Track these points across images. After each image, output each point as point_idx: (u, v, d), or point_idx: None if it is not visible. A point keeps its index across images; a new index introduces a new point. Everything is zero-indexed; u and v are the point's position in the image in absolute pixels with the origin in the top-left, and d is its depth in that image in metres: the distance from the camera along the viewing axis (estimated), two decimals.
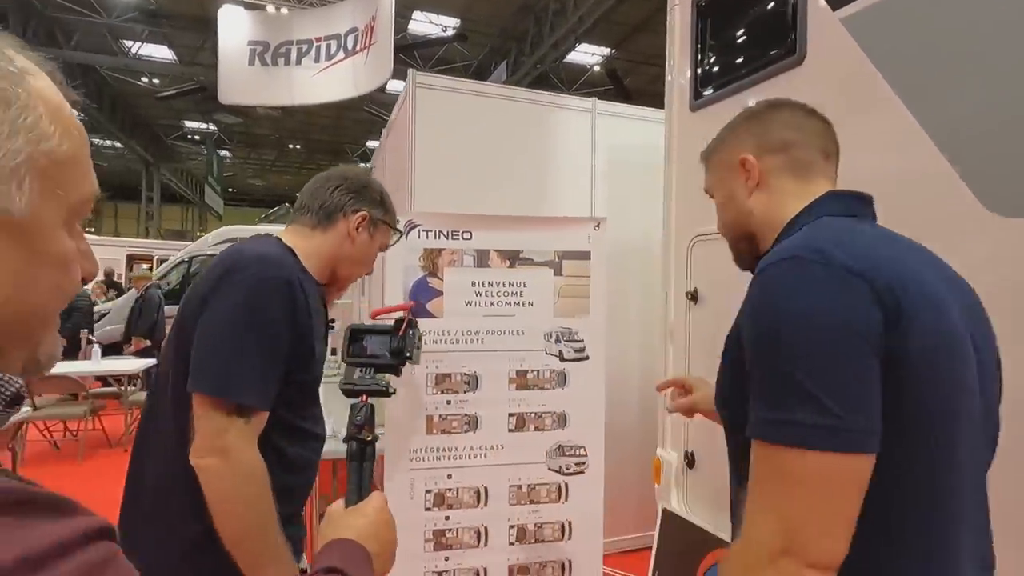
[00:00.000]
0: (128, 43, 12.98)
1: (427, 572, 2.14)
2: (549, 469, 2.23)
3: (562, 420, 2.24)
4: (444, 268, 2.16)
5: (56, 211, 0.42)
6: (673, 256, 2.46)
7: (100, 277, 7.88)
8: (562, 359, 2.24)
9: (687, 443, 2.34)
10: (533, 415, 2.22)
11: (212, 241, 8.07)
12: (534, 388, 2.22)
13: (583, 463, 2.26)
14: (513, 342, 2.20)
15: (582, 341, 2.25)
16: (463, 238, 2.17)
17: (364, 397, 0.93)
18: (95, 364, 5.20)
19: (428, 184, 2.87)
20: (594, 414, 2.27)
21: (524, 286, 2.21)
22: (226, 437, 0.96)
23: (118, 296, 8.13)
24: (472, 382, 2.18)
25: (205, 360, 0.99)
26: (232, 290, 1.01)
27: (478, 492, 2.18)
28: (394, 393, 0.99)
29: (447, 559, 2.16)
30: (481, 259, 2.20)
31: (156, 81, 14.58)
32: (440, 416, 2.15)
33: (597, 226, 2.27)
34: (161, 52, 13.24)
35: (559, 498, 2.24)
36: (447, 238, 2.16)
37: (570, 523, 2.25)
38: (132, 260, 11.75)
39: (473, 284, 2.18)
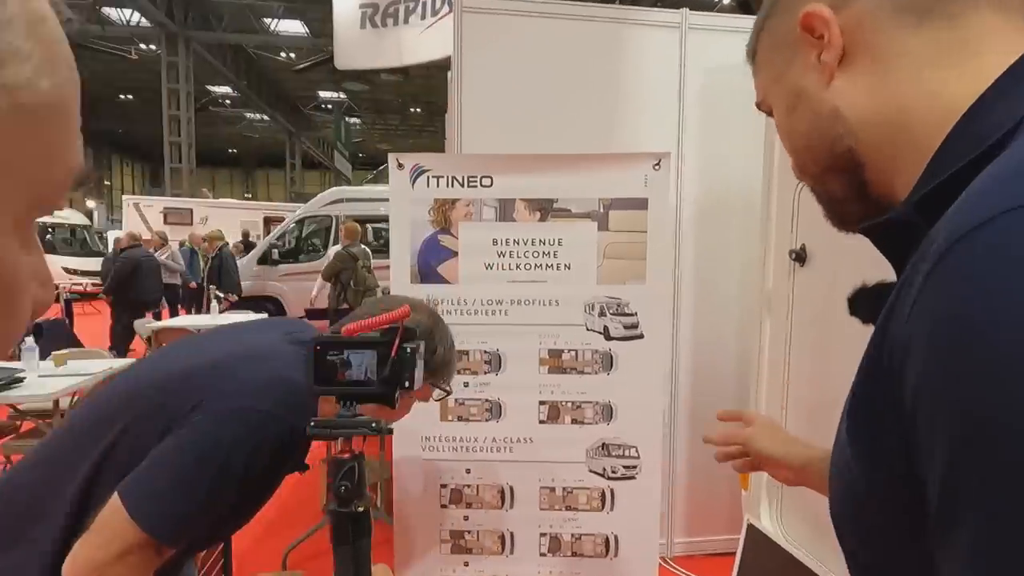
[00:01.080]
0: (267, 21, 13.97)
1: None
2: (590, 471, 1.82)
3: (607, 412, 1.80)
4: (459, 223, 1.78)
5: (11, 195, 0.23)
6: (776, 205, 2.01)
7: (202, 233, 8.52)
8: (608, 337, 1.78)
9: None
10: (570, 404, 1.81)
11: (323, 201, 8.51)
12: (571, 372, 1.80)
13: (634, 467, 1.81)
14: (545, 315, 1.79)
15: (634, 315, 1.77)
16: (482, 185, 1.76)
17: (345, 447, 0.72)
18: (213, 317, 5.59)
19: (477, 125, 2.46)
20: (649, 407, 1.80)
21: (559, 244, 1.77)
22: (118, 568, 0.81)
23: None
24: (494, 362, 1.80)
25: (151, 480, 0.83)
26: (219, 418, 0.83)
27: (501, 491, 1.83)
28: (390, 433, 0.78)
29: (467, 564, 1.85)
30: (504, 211, 1.78)
31: (292, 55, 15.64)
32: (456, 400, 1.81)
33: (657, 164, 1.74)
34: (295, 27, 14.17)
35: (602, 506, 1.82)
36: (462, 185, 1.77)
37: (616, 537, 1.83)
38: (269, 222, 12.85)
39: (495, 243, 1.79)
